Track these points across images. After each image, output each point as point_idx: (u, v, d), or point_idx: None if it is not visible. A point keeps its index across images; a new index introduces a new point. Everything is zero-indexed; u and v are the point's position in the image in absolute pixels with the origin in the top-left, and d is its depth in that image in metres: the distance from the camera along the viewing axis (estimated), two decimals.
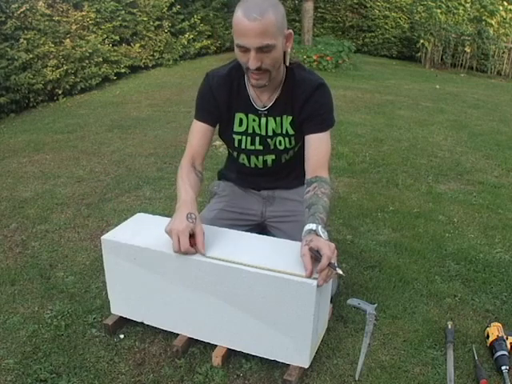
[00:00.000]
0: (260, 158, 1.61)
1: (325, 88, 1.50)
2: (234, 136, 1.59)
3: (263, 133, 1.56)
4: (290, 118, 1.53)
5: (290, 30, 1.39)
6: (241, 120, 1.56)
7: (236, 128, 1.57)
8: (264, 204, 1.74)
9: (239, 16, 1.29)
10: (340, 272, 1.25)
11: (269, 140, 1.57)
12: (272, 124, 1.54)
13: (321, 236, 1.29)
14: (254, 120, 1.55)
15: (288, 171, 1.67)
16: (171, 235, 1.33)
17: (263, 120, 1.54)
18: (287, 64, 1.46)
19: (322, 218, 1.34)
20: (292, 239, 1.48)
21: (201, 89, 1.57)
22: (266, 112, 1.53)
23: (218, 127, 1.62)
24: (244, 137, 1.58)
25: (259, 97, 1.52)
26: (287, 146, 1.57)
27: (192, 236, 1.33)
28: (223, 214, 1.70)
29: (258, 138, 1.57)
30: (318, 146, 1.48)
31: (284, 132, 1.55)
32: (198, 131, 1.56)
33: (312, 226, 1.32)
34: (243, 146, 1.60)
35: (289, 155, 1.61)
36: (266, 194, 1.73)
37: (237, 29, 1.31)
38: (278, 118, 1.53)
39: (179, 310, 1.46)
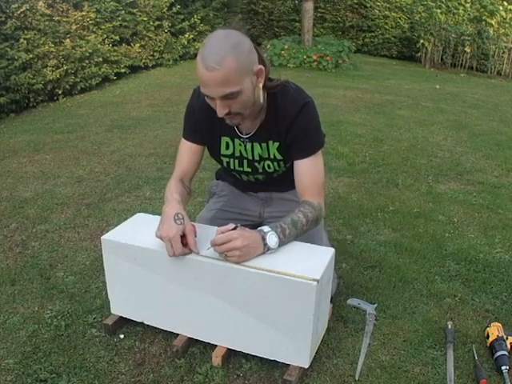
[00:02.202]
0: (250, 176, 1.61)
1: (309, 107, 1.42)
2: (222, 158, 1.57)
3: (250, 157, 1.53)
4: (277, 143, 1.48)
5: (260, 66, 1.28)
6: (227, 144, 1.53)
7: (223, 151, 1.55)
8: (262, 205, 1.74)
9: (199, 64, 1.21)
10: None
11: (256, 164, 1.54)
12: (258, 149, 1.50)
13: (266, 240, 1.31)
14: (240, 144, 1.51)
15: (284, 179, 1.64)
16: (163, 240, 1.33)
17: (248, 145, 1.50)
18: (261, 101, 1.36)
19: (282, 227, 1.34)
20: None
21: (187, 107, 1.54)
22: (247, 139, 1.49)
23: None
24: (232, 159, 1.56)
25: (243, 125, 1.46)
26: (276, 168, 1.55)
27: (183, 236, 1.33)
28: (222, 214, 1.70)
29: (245, 161, 1.55)
30: (304, 172, 1.45)
31: (272, 157, 1.51)
32: (186, 151, 1.54)
33: (264, 227, 1.33)
34: (232, 167, 1.59)
35: (281, 172, 1.59)
36: (263, 195, 1.74)
37: (198, 77, 1.24)
38: (263, 144, 1.49)
39: (179, 310, 1.46)
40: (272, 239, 1.32)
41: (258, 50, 1.33)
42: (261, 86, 1.32)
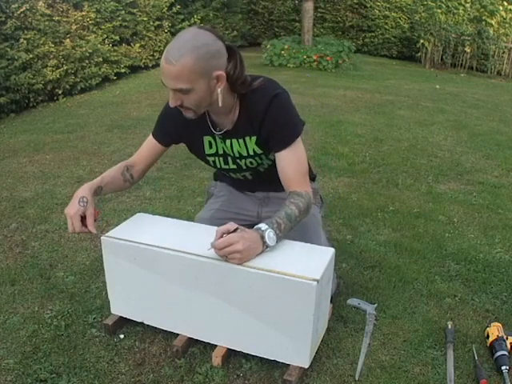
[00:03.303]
0: (238, 174, 1.61)
1: (279, 99, 1.41)
2: (208, 158, 1.59)
3: (231, 154, 1.54)
4: (255, 138, 1.48)
5: (221, 72, 1.30)
6: (210, 143, 1.54)
7: (207, 151, 1.56)
8: (260, 204, 1.74)
9: (163, 54, 1.28)
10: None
11: (238, 161, 1.55)
12: (236, 146, 1.51)
13: (265, 238, 1.32)
14: (221, 142, 1.52)
15: (276, 178, 1.63)
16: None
17: (227, 142, 1.51)
18: (220, 105, 1.35)
19: (278, 223, 1.35)
20: (288, 239, 1.47)
21: (164, 108, 1.57)
22: (221, 136, 1.49)
23: (189, 148, 1.61)
24: (216, 158, 1.57)
25: (219, 121, 1.48)
26: (259, 162, 1.55)
27: (85, 217, 1.40)
28: (220, 214, 1.70)
29: (230, 158, 1.56)
30: (285, 164, 1.45)
31: (251, 153, 1.51)
32: (148, 146, 1.59)
33: (261, 225, 1.34)
34: (218, 166, 1.60)
35: (266, 165, 1.58)
36: (261, 195, 1.74)
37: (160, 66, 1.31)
38: (240, 140, 1.49)
39: (179, 310, 1.46)
40: (270, 237, 1.33)
41: (235, 55, 1.34)
42: (219, 90, 1.33)
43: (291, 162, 1.45)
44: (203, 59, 1.26)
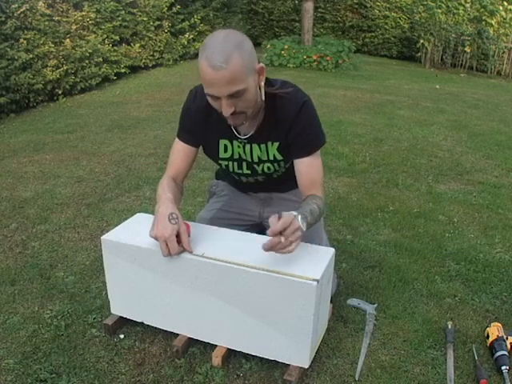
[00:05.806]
0: (250, 178, 1.60)
1: (308, 106, 1.41)
2: (221, 162, 1.56)
3: (249, 159, 1.52)
4: (277, 143, 1.46)
5: (261, 64, 1.29)
6: (225, 146, 1.51)
7: (221, 154, 1.53)
8: (262, 205, 1.74)
9: (204, 64, 1.19)
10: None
11: (255, 166, 1.53)
12: (257, 151, 1.49)
13: (298, 221, 1.25)
14: (238, 146, 1.50)
15: (284, 180, 1.63)
16: (157, 240, 1.33)
17: (247, 146, 1.49)
18: (263, 98, 1.34)
19: (305, 215, 1.30)
20: None
21: (183, 108, 1.52)
22: (246, 140, 1.47)
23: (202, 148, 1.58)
24: (231, 162, 1.54)
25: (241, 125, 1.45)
26: (276, 169, 1.54)
27: (177, 235, 1.34)
28: (222, 214, 1.70)
29: (244, 163, 1.54)
30: (306, 171, 1.44)
31: (271, 158, 1.50)
32: (180, 151, 1.53)
33: (292, 211, 1.27)
34: (231, 170, 1.58)
35: (280, 172, 1.57)
36: (263, 195, 1.73)
37: (203, 78, 1.22)
38: (262, 145, 1.48)
39: (179, 310, 1.46)
40: (302, 223, 1.26)
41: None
42: (262, 84, 1.31)
43: (310, 170, 1.44)
44: (248, 54, 1.22)
